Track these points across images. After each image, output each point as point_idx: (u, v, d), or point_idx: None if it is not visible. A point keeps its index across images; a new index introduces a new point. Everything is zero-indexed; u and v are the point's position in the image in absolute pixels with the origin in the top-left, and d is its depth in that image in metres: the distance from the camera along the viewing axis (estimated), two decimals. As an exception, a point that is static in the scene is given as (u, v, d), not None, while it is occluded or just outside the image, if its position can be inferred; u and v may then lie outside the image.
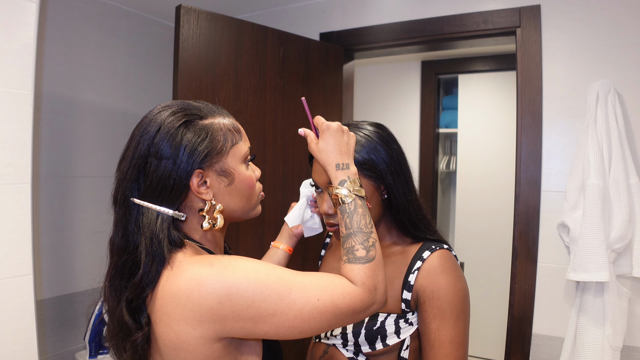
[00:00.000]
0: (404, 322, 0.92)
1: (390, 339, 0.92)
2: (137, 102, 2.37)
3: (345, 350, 0.96)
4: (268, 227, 1.87)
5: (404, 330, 0.92)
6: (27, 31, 1.35)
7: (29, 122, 1.36)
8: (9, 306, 1.30)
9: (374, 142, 0.93)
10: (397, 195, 0.94)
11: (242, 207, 0.83)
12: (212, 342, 0.69)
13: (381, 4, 2.05)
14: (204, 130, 0.76)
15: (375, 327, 0.92)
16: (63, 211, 2.03)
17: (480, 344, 2.95)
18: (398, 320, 0.92)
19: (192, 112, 0.77)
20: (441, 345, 0.87)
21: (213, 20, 1.69)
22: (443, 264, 0.91)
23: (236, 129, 0.81)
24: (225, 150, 0.78)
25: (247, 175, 0.82)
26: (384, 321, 0.92)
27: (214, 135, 0.77)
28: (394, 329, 0.92)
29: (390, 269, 0.95)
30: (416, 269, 0.92)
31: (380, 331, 0.92)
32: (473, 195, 2.98)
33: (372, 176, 0.92)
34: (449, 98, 3.24)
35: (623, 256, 1.53)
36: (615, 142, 1.51)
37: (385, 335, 0.92)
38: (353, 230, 0.79)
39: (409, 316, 0.92)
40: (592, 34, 1.62)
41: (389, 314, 0.93)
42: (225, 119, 0.81)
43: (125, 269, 0.74)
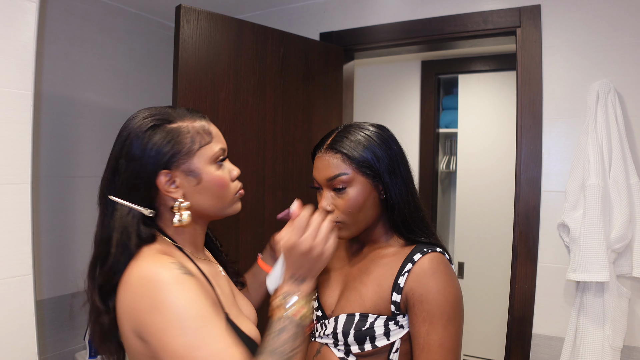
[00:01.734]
0: (394, 325, 0.92)
1: (380, 340, 0.91)
2: (137, 102, 2.37)
3: (336, 350, 0.96)
4: (268, 227, 1.87)
5: (394, 333, 0.92)
6: (27, 31, 1.35)
7: (29, 122, 1.36)
8: (9, 306, 1.30)
9: (373, 142, 0.95)
10: (393, 195, 0.95)
11: (213, 205, 0.87)
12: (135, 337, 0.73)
13: (381, 4, 2.05)
14: (170, 133, 0.81)
15: (364, 328, 0.92)
16: (63, 211, 2.03)
17: (480, 344, 2.95)
18: (388, 322, 0.92)
19: (161, 116, 0.82)
20: (430, 349, 0.87)
21: (213, 20, 1.69)
22: (434, 267, 0.90)
23: (206, 131, 0.85)
24: (192, 151, 0.82)
25: (215, 175, 0.85)
26: (373, 322, 0.92)
27: (180, 137, 0.82)
28: (383, 331, 0.91)
29: (382, 270, 0.95)
30: (406, 271, 0.91)
31: (369, 332, 0.92)
32: (473, 195, 2.98)
33: (369, 174, 0.94)
34: (449, 98, 3.24)
35: (623, 256, 1.53)
36: (616, 142, 1.51)
37: (374, 337, 0.91)
38: (274, 348, 0.73)
39: (400, 319, 0.92)
40: (592, 34, 1.62)
41: (379, 315, 0.92)
42: (196, 122, 0.85)
43: (100, 259, 0.80)
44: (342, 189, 0.94)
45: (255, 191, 1.83)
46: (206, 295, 0.76)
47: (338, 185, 0.94)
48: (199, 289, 0.74)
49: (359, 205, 0.94)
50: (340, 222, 0.95)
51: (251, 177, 1.82)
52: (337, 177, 0.93)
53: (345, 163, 0.94)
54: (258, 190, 1.84)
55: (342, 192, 0.94)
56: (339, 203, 0.94)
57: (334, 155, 0.95)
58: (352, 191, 0.94)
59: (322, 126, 2.06)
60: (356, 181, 0.94)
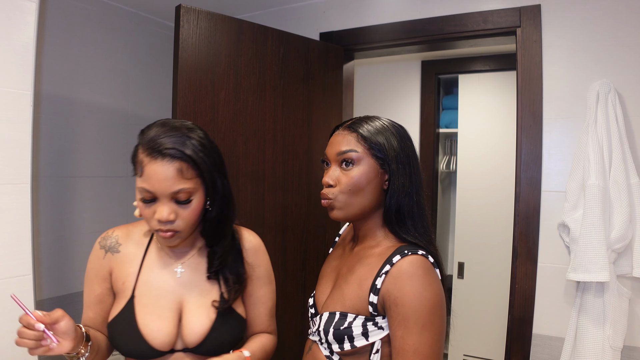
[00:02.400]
0: (373, 325, 0.91)
1: (358, 340, 0.91)
2: (137, 102, 2.37)
3: (323, 348, 0.96)
4: (268, 227, 1.87)
5: (373, 334, 0.91)
6: (27, 31, 1.35)
7: (29, 122, 1.36)
8: (9, 306, 1.30)
9: (390, 131, 0.98)
10: (396, 184, 0.95)
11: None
12: None
13: (381, 4, 2.05)
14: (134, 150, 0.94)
15: (342, 327, 0.92)
16: (63, 211, 2.03)
17: (480, 344, 2.95)
18: (366, 322, 0.91)
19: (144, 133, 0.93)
20: (405, 354, 0.85)
21: (213, 20, 1.69)
22: (411, 270, 0.87)
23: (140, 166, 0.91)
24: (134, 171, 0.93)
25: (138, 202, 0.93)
26: (352, 322, 0.91)
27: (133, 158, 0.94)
28: (361, 331, 0.91)
29: (364, 270, 0.95)
30: (384, 273, 0.89)
31: (347, 331, 0.91)
32: (473, 195, 2.98)
33: (378, 158, 0.96)
34: (449, 98, 3.24)
35: (623, 256, 1.53)
36: (616, 142, 1.51)
37: (352, 337, 0.91)
38: None
39: (378, 320, 0.91)
40: (592, 34, 1.62)
41: (357, 315, 0.92)
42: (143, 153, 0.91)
43: None
44: (349, 164, 0.95)
45: (255, 191, 1.83)
46: (98, 267, 1.02)
47: (345, 160, 0.96)
48: (96, 258, 1.03)
49: (360, 185, 0.95)
50: (333, 199, 0.96)
51: (251, 177, 1.82)
52: (347, 152, 0.95)
53: (359, 142, 0.96)
54: (258, 190, 1.84)
55: (348, 169, 0.96)
56: (342, 179, 0.96)
57: (350, 134, 0.97)
58: (357, 169, 0.95)
59: (322, 126, 2.06)
60: (364, 161, 0.95)
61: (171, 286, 1.00)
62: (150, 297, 0.98)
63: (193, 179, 0.91)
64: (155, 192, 0.89)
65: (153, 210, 0.91)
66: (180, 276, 1.01)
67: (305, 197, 2.00)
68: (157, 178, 0.88)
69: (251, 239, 1.12)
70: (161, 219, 0.90)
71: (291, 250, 1.96)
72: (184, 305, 0.99)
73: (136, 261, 1.01)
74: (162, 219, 0.90)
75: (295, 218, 1.97)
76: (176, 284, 1.00)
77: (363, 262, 0.97)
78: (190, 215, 0.93)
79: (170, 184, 0.89)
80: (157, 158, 0.88)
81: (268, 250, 1.20)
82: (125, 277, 1.00)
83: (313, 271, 2.03)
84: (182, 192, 0.90)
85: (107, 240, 1.04)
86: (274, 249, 1.89)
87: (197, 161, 0.91)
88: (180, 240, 0.97)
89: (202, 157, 0.92)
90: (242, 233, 1.11)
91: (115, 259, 1.02)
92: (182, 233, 0.95)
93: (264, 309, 1.10)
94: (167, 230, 0.92)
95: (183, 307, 0.99)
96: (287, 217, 1.94)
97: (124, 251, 1.02)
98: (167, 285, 1.00)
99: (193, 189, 0.92)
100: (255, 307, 1.09)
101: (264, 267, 1.12)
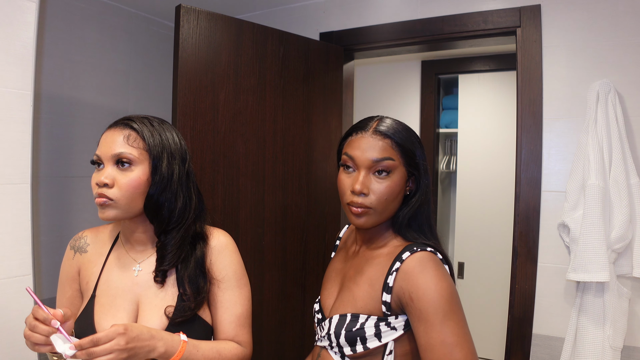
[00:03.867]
0: (385, 326, 0.89)
1: (371, 342, 0.89)
2: (137, 102, 2.37)
3: (333, 353, 0.94)
4: (268, 227, 1.87)
5: (386, 335, 0.89)
6: (27, 31, 1.35)
7: (29, 122, 1.36)
8: (9, 306, 1.30)
9: (416, 139, 0.97)
10: (421, 191, 0.95)
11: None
12: None
13: (381, 4, 2.05)
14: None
15: (354, 329, 0.90)
16: (63, 211, 2.03)
17: (480, 344, 2.94)
18: (379, 323, 0.89)
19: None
20: (433, 348, 0.82)
21: (213, 20, 1.69)
22: (422, 264, 0.87)
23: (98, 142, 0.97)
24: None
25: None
26: (364, 323, 0.90)
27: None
28: (374, 332, 0.89)
29: (374, 270, 0.94)
30: (394, 270, 0.88)
31: (359, 333, 0.89)
32: (473, 195, 2.98)
33: (410, 166, 0.94)
34: (449, 98, 3.24)
35: (623, 256, 1.53)
36: (616, 142, 1.51)
37: (365, 338, 0.89)
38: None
39: (391, 320, 0.89)
40: (592, 34, 1.62)
41: (370, 316, 0.90)
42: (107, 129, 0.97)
43: None
44: (385, 173, 0.92)
45: (255, 191, 1.83)
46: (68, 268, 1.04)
47: (381, 169, 0.92)
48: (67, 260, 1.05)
49: (394, 193, 0.93)
50: (370, 208, 0.92)
51: (251, 177, 1.82)
52: (385, 160, 0.92)
53: (394, 149, 0.93)
54: (258, 190, 1.84)
55: (383, 177, 0.92)
56: (376, 187, 0.92)
57: (383, 139, 0.93)
58: (393, 178, 0.92)
59: (322, 126, 2.06)
60: (398, 170, 0.93)
61: (128, 286, 0.97)
62: (108, 297, 0.96)
63: (138, 149, 0.93)
64: (100, 155, 0.93)
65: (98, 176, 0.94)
66: (137, 275, 0.98)
67: (305, 197, 2.00)
68: (105, 141, 0.94)
69: (220, 237, 1.05)
70: (97, 182, 0.91)
71: (291, 250, 1.96)
72: (140, 305, 0.96)
73: (100, 261, 1.02)
74: (99, 181, 0.91)
75: (295, 218, 1.97)
76: (133, 283, 0.97)
77: (372, 263, 0.95)
78: (127, 184, 0.91)
79: (114, 147, 0.93)
80: (111, 127, 0.96)
81: (268, 250, 1.19)
82: (89, 277, 1.01)
83: (313, 271, 2.03)
84: (124, 156, 0.92)
85: (77, 241, 1.06)
86: (274, 249, 1.89)
87: (144, 134, 0.94)
88: (113, 212, 0.92)
89: (152, 132, 0.96)
90: (212, 232, 1.05)
91: (82, 259, 1.04)
92: (115, 202, 0.91)
93: (228, 315, 0.99)
94: (100, 195, 0.91)
95: (139, 307, 0.96)
96: (287, 217, 1.94)
97: (91, 251, 1.04)
98: (124, 285, 0.97)
99: (135, 158, 0.93)
100: (218, 312, 1.00)
101: (231, 269, 1.02)
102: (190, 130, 1.64)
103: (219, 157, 1.71)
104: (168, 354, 0.86)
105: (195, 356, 0.90)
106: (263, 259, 1.85)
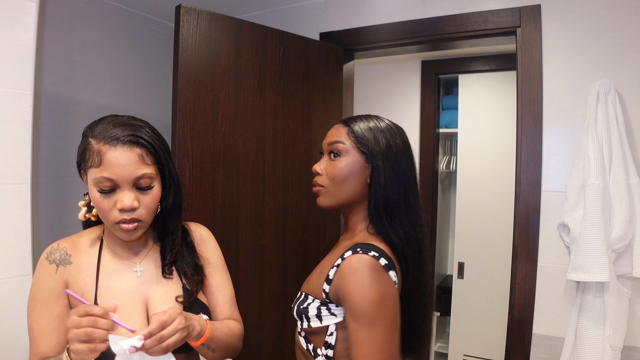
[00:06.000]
0: (326, 311, 0.97)
1: (313, 321, 0.98)
2: (137, 102, 2.37)
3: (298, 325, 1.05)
4: (268, 227, 1.87)
5: (326, 318, 0.98)
6: (27, 31, 1.35)
7: (29, 122, 1.36)
8: (9, 306, 1.30)
9: (379, 128, 1.03)
10: (379, 179, 1.00)
11: (101, 216, 0.94)
12: None
13: (381, 4, 2.05)
14: (81, 144, 0.94)
15: (302, 307, 1.01)
16: (63, 211, 2.03)
17: (480, 344, 2.95)
18: (321, 306, 0.98)
19: (89, 129, 0.93)
20: (361, 344, 0.89)
21: (213, 20, 1.69)
22: (355, 268, 0.91)
23: (98, 155, 0.88)
24: (85, 166, 0.92)
25: (93, 195, 0.91)
26: (310, 303, 1.00)
27: (83, 152, 0.92)
28: (315, 313, 0.98)
29: (329, 259, 1.03)
30: (336, 265, 0.96)
31: (305, 311, 1.00)
32: (473, 195, 2.98)
33: (363, 152, 1.02)
34: (449, 98, 3.24)
35: (623, 256, 1.53)
36: (616, 142, 1.51)
37: (309, 317, 0.99)
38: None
39: (332, 307, 0.97)
40: (592, 34, 1.62)
41: (315, 298, 1.00)
42: (98, 143, 0.89)
43: None
44: (336, 155, 1.03)
45: (255, 191, 1.83)
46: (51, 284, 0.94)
47: (334, 151, 1.04)
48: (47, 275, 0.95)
49: (344, 175, 1.01)
50: (322, 187, 1.05)
51: (251, 177, 1.82)
52: (335, 143, 1.03)
53: (348, 135, 1.03)
54: (258, 190, 1.84)
55: (335, 159, 1.03)
56: (328, 168, 1.04)
57: (342, 128, 1.05)
58: (343, 160, 1.02)
59: (322, 126, 2.06)
60: (350, 154, 1.02)
61: (133, 287, 0.97)
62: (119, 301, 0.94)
63: (152, 165, 0.92)
64: (117, 179, 0.87)
65: (113, 200, 0.89)
66: (140, 275, 0.99)
67: (305, 197, 1.99)
68: (119, 164, 0.87)
69: (199, 230, 1.12)
70: (125, 207, 0.88)
71: (291, 250, 1.96)
72: (149, 303, 0.97)
73: (91, 270, 0.97)
74: (126, 206, 0.87)
75: (295, 218, 1.97)
76: (138, 284, 0.98)
77: (333, 252, 1.05)
78: (151, 202, 0.92)
79: (134, 169, 0.88)
80: (116, 145, 0.87)
81: (268, 250, 1.21)
82: (83, 288, 0.95)
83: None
84: (145, 178, 0.90)
85: (55, 254, 0.97)
86: (274, 249, 1.89)
87: (155, 147, 0.92)
88: (142, 231, 0.94)
89: (158, 144, 0.94)
90: (189, 227, 1.11)
91: (69, 271, 0.96)
92: (144, 223, 0.92)
93: (222, 297, 1.09)
94: (131, 220, 0.89)
95: (148, 305, 0.97)
96: (287, 217, 1.94)
97: (76, 262, 0.97)
98: (129, 287, 0.97)
99: (154, 174, 0.92)
100: (213, 296, 1.08)
101: (217, 256, 1.11)
102: (190, 130, 1.64)
103: (219, 157, 1.71)
104: (202, 332, 0.92)
105: (215, 333, 0.96)
106: (263, 259, 1.85)
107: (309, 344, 1.01)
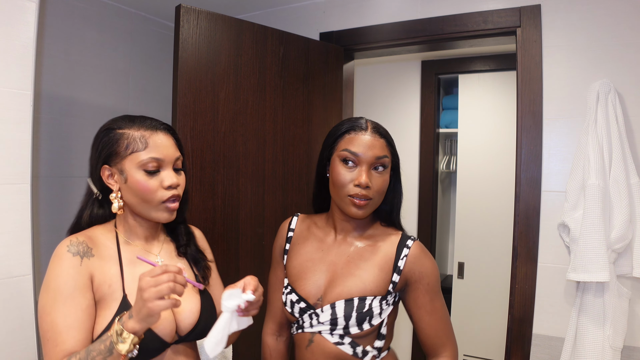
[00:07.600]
0: (385, 304, 1.05)
1: (375, 319, 1.03)
2: (137, 102, 2.37)
3: (331, 336, 1.04)
4: (268, 227, 1.87)
5: (385, 311, 1.05)
6: (27, 31, 1.35)
7: (29, 122, 1.35)
8: (9, 306, 1.30)
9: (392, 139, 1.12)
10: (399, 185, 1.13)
11: (138, 203, 0.99)
12: None
13: (381, 4, 2.05)
14: (113, 137, 0.99)
15: (364, 310, 1.02)
16: (63, 211, 2.03)
17: (480, 344, 2.95)
18: (382, 301, 1.04)
19: (115, 123, 1.01)
20: (437, 311, 1.08)
21: (213, 20, 1.69)
22: (425, 251, 1.09)
23: (142, 140, 0.97)
24: (124, 155, 0.97)
25: (137, 179, 0.97)
26: (371, 304, 1.03)
27: (118, 142, 0.98)
28: (379, 311, 1.03)
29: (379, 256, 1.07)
30: (404, 256, 1.06)
31: (368, 313, 1.02)
32: (473, 195, 2.98)
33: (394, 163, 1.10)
34: (449, 98, 3.24)
35: (623, 256, 1.53)
36: (616, 142, 1.51)
37: (372, 317, 1.02)
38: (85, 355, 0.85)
39: (389, 298, 1.06)
40: (592, 34, 1.62)
41: (376, 296, 1.04)
42: (139, 130, 0.98)
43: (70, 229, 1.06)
44: (383, 169, 1.06)
45: (255, 191, 1.83)
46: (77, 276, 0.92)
47: (380, 165, 1.05)
48: (72, 267, 0.92)
49: (387, 187, 1.08)
50: (371, 199, 1.05)
51: (251, 177, 1.82)
52: (384, 158, 1.06)
53: (387, 148, 1.07)
54: (258, 190, 1.84)
55: (381, 172, 1.06)
56: (375, 182, 1.04)
57: (379, 139, 1.06)
58: (386, 173, 1.07)
59: (322, 126, 2.06)
60: (389, 166, 1.08)
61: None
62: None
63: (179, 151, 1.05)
64: (164, 158, 0.98)
65: (159, 180, 0.98)
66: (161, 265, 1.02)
67: (305, 197, 1.99)
68: (164, 145, 0.99)
69: (195, 229, 1.21)
70: (172, 183, 0.98)
71: (291, 250, 1.96)
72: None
73: (114, 261, 0.99)
74: (174, 182, 0.98)
75: (295, 218, 1.97)
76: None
77: (372, 250, 1.09)
78: (184, 183, 1.04)
79: (174, 151, 1.01)
80: (157, 130, 1.00)
81: (268, 250, 1.21)
82: (110, 279, 0.96)
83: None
84: (179, 160, 1.03)
85: (77, 247, 0.96)
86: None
87: (178, 136, 1.06)
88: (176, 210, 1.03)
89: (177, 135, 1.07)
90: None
91: (93, 264, 0.96)
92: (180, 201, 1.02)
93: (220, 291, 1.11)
94: (177, 196, 1.00)
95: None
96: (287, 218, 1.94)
97: (98, 254, 0.98)
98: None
99: (182, 159, 1.04)
100: (212, 289, 1.14)
101: (211, 254, 1.21)
102: (190, 130, 1.64)
103: (219, 157, 1.71)
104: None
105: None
106: (263, 259, 1.85)
107: (356, 347, 1.04)
